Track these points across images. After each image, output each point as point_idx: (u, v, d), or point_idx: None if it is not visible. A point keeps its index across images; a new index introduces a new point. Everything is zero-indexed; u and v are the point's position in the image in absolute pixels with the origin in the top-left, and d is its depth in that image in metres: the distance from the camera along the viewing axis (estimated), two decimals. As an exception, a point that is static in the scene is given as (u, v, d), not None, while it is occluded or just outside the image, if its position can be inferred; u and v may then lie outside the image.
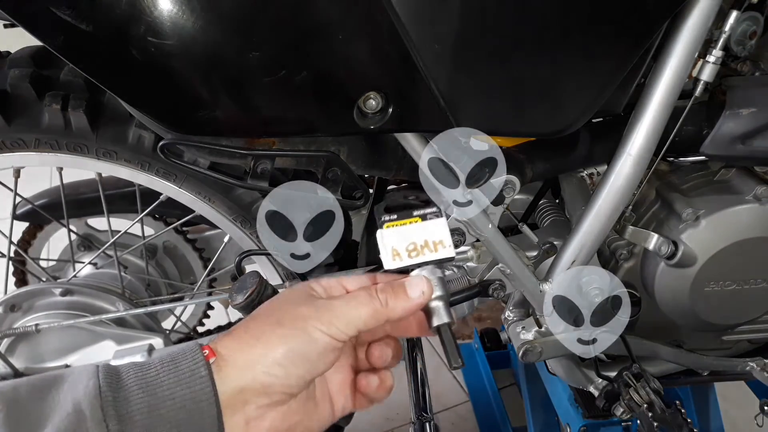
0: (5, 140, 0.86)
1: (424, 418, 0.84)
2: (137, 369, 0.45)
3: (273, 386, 0.47)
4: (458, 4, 0.61)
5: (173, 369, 0.45)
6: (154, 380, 0.44)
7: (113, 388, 0.43)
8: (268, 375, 0.47)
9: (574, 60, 0.67)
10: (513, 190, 0.83)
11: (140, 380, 0.44)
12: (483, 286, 0.92)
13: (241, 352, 0.48)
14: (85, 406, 0.41)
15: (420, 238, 0.53)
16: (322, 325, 0.49)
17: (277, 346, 0.48)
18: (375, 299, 0.51)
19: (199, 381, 0.45)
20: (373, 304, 0.51)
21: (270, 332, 0.49)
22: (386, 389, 0.55)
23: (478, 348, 1.75)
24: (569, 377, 1.04)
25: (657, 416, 0.87)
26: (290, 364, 0.48)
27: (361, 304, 0.51)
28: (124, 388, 0.43)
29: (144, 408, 0.43)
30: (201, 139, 0.71)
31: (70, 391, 0.43)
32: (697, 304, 0.92)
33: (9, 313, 1.06)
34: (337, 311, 0.50)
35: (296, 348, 0.48)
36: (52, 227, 1.27)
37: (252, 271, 0.80)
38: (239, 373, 0.47)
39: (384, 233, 0.54)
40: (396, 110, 0.66)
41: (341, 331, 0.49)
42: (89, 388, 0.43)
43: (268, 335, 0.48)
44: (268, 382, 0.47)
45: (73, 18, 0.55)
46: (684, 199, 0.88)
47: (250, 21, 0.58)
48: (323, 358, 0.49)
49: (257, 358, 0.47)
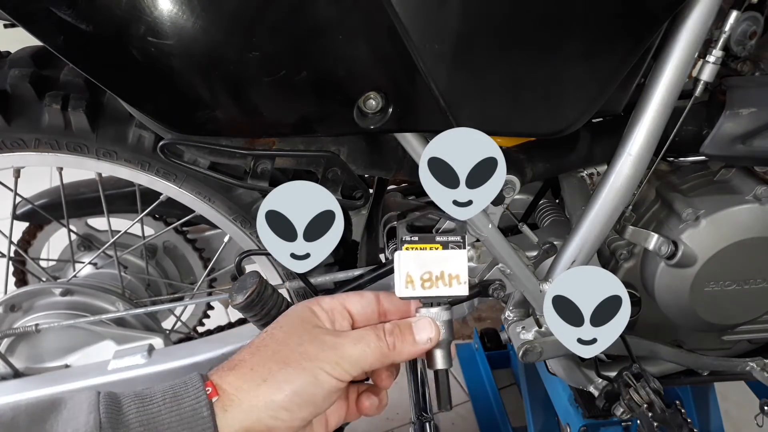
0: (5, 140, 0.86)
1: (424, 418, 0.84)
2: (139, 403, 0.45)
3: (278, 429, 0.47)
4: (458, 4, 0.61)
5: (175, 407, 0.45)
6: (156, 417, 0.44)
7: (113, 423, 0.42)
8: (274, 419, 0.47)
9: (574, 60, 0.67)
10: (513, 190, 0.83)
11: (141, 416, 0.44)
12: (483, 286, 0.92)
13: (246, 393, 0.47)
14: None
15: (437, 268, 0.53)
16: (329, 367, 0.49)
17: (283, 390, 0.47)
18: (382, 341, 0.51)
19: (201, 422, 0.44)
20: (380, 346, 0.51)
21: (276, 372, 0.48)
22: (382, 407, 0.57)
23: (478, 348, 1.75)
24: (569, 377, 1.04)
25: (657, 416, 0.87)
26: (296, 408, 0.48)
27: (368, 346, 0.51)
28: (125, 423, 0.43)
29: None
30: (201, 139, 0.71)
31: (69, 420, 0.42)
32: (697, 304, 0.92)
33: (9, 313, 1.06)
34: (344, 352, 0.50)
35: (302, 391, 0.48)
36: (52, 227, 1.27)
37: (252, 271, 0.80)
38: (244, 416, 0.46)
39: (402, 255, 0.53)
40: (396, 110, 0.66)
41: (347, 372, 0.50)
42: (90, 424, 0.42)
43: (275, 376, 0.48)
44: (272, 425, 0.47)
45: (73, 18, 0.55)
46: (684, 199, 0.88)
47: (250, 21, 0.58)
48: (328, 399, 0.50)
49: (263, 402, 0.47)
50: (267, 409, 0.47)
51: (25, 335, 1.02)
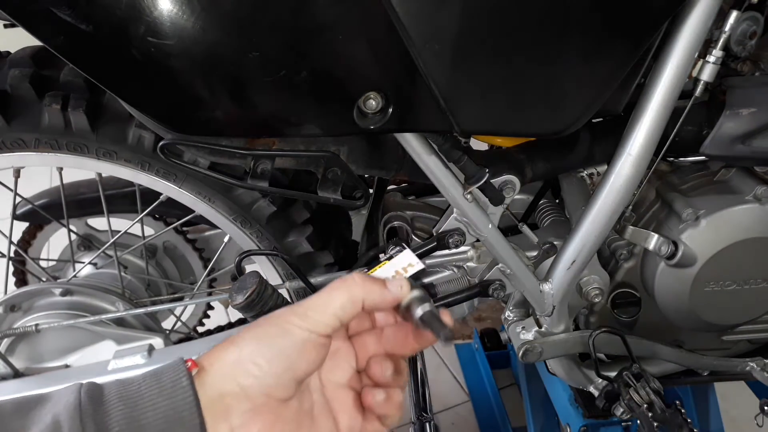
0: (5, 140, 0.86)
1: (424, 418, 0.84)
2: (120, 384, 0.45)
3: (252, 387, 0.46)
4: (458, 4, 0.61)
5: (155, 382, 0.44)
6: (135, 393, 0.44)
7: (94, 402, 0.42)
8: (246, 375, 0.46)
9: (574, 60, 0.67)
10: (513, 190, 0.83)
11: (121, 393, 0.44)
12: (483, 286, 0.92)
13: (219, 359, 0.47)
14: (64, 418, 0.41)
15: (391, 272, 0.58)
16: (297, 318, 0.47)
17: (249, 344, 0.47)
18: (350, 282, 0.49)
19: (181, 391, 0.44)
20: (347, 287, 0.49)
21: (245, 334, 0.48)
22: (396, 405, 0.53)
23: (478, 348, 1.75)
24: (569, 377, 1.04)
25: (657, 416, 0.87)
26: (266, 362, 0.46)
27: (335, 290, 0.49)
28: (105, 402, 0.43)
29: (123, 419, 0.42)
30: (201, 139, 0.71)
31: (51, 408, 0.42)
32: (697, 304, 0.92)
33: (9, 313, 1.06)
34: (312, 302, 0.49)
35: (270, 343, 0.47)
36: (52, 227, 1.27)
37: (252, 271, 0.80)
38: (218, 379, 0.46)
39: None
40: (396, 110, 0.66)
41: (317, 320, 0.48)
42: (69, 403, 0.42)
43: (243, 337, 0.47)
44: (246, 384, 0.46)
45: (73, 18, 0.55)
46: (684, 199, 0.88)
47: (250, 21, 0.58)
48: (303, 354, 0.47)
49: (233, 361, 0.46)
50: (236, 365, 0.46)
51: (25, 335, 1.02)
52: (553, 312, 0.91)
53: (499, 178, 0.82)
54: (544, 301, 0.90)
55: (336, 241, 1.05)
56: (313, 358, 0.48)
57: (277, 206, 0.95)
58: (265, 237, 0.97)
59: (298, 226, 0.99)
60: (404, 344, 0.54)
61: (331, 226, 1.06)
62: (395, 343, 0.54)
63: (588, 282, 0.93)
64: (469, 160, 0.77)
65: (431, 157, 0.76)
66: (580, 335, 0.96)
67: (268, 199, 0.94)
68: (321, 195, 0.79)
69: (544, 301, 0.90)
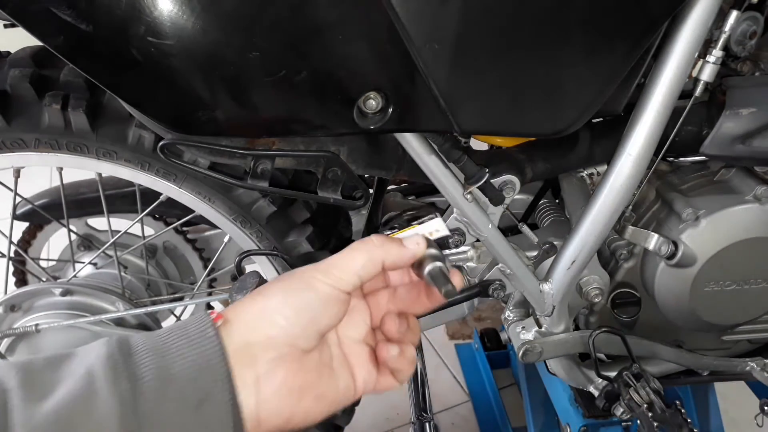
0: (5, 140, 0.86)
1: (424, 418, 0.84)
2: (146, 336, 0.47)
3: (278, 337, 0.48)
4: (458, 4, 0.61)
5: (183, 334, 0.46)
6: (163, 344, 0.45)
7: (124, 353, 0.44)
8: (272, 325, 0.48)
9: (574, 60, 0.67)
10: (513, 190, 0.83)
11: (150, 345, 0.45)
12: (483, 286, 0.92)
13: (245, 310, 0.49)
14: (97, 368, 0.42)
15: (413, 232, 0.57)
16: (321, 274, 0.50)
17: (276, 296, 0.49)
18: (370, 243, 0.52)
19: (208, 341, 0.46)
20: (368, 248, 0.52)
21: (271, 286, 0.50)
22: (409, 360, 0.55)
23: (478, 348, 1.75)
24: (569, 377, 1.04)
25: (657, 416, 0.87)
26: (292, 313, 0.48)
27: (356, 251, 0.52)
28: (135, 353, 0.44)
29: (153, 368, 0.43)
30: (201, 139, 0.71)
31: (83, 359, 0.44)
32: (697, 304, 0.92)
33: (9, 313, 1.06)
34: (334, 261, 0.51)
35: (296, 296, 0.49)
36: (52, 227, 1.27)
37: (252, 271, 0.80)
38: (244, 329, 0.48)
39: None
40: (396, 110, 0.66)
41: (340, 278, 0.50)
42: (101, 354, 0.44)
43: (270, 289, 0.50)
44: (272, 333, 0.48)
45: (73, 18, 0.55)
46: (684, 199, 0.88)
47: (250, 21, 0.58)
48: (327, 308, 0.50)
49: (260, 311, 0.49)
50: (262, 315, 0.48)
51: (25, 335, 1.02)
52: (553, 312, 0.91)
53: (499, 178, 0.82)
54: (544, 301, 0.90)
55: (336, 241, 1.05)
56: (335, 312, 0.50)
57: (277, 206, 0.95)
58: (265, 237, 0.97)
59: (298, 226, 0.99)
60: (416, 303, 0.57)
61: (331, 226, 1.06)
62: (408, 302, 0.57)
63: (588, 282, 0.93)
64: (469, 160, 0.77)
65: (431, 157, 0.76)
66: (580, 335, 0.96)
67: (268, 199, 0.94)
68: (321, 195, 0.79)
69: (544, 301, 0.90)
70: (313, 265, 0.52)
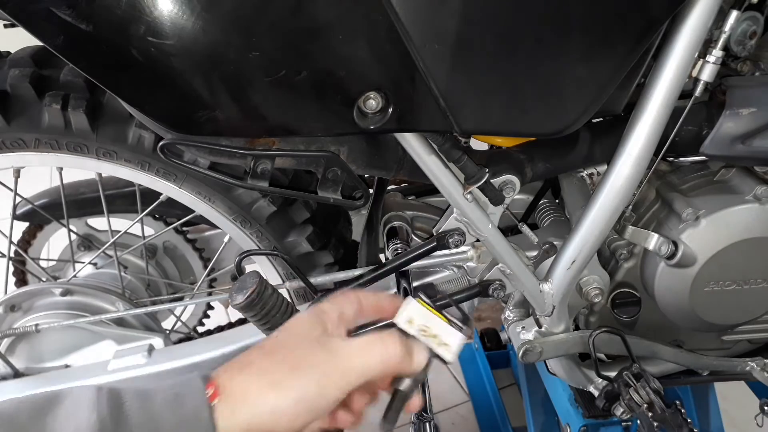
0: (5, 140, 0.86)
1: (424, 418, 0.84)
2: (141, 404, 0.46)
3: (276, 430, 0.49)
4: (458, 4, 0.61)
5: (177, 410, 0.46)
6: (157, 418, 0.45)
7: (116, 422, 0.43)
8: (276, 423, 0.48)
9: (574, 60, 0.67)
10: (513, 190, 0.83)
11: (144, 417, 0.45)
12: (483, 286, 0.92)
13: (254, 396, 0.48)
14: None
15: (435, 330, 0.57)
16: (337, 377, 0.51)
17: (289, 396, 0.49)
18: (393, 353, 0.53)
19: (201, 424, 0.45)
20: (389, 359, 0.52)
21: (284, 379, 0.50)
22: (358, 425, 0.58)
23: (478, 348, 1.75)
24: (569, 377, 1.04)
25: (657, 416, 0.87)
26: (297, 415, 0.49)
27: (373, 359, 0.52)
28: (127, 422, 0.44)
29: None
30: (201, 139, 0.71)
31: (70, 418, 0.43)
32: (697, 304, 0.92)
33: (9, 313, 1.06)
34: (351, 362, 0.52)
35: (307, 400, 0.49)
36: (52, 227, 1.27)
37: (252, 271, 0.80)
38: (249, 417, 0.47)
39: (412, 303, 0.58)
40: (396, 110, 0.66)
41: (352, 384, 0.51)
42: (91, 422, 0.43)
43: (283, 382, 0.49)
44: (272, 428, 0.48)
45: (73, 18, 0.55)
46: (684, 199, 0.88)
47: (250, 21, 0.58)
48: (329, 408, 0.51)
49: (269, 407, 0.48)
50: (272, 413, 0.48)
51: (25, 335, 1.02)
52: (553, 312, 0.91)
53: (499, 178, 0.82)
54: (544, 301, 0.90)
55: (336, 241, 1.05)
56: (333, 407, 0.52)
57: (277, 206, 0.95)
58: (265, 237, 0.97)
59: (298, 226, 0.99)
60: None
61: (331, 226, 1.06)
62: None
63: (588, 282, 0.93)
64: (469, 160, 0.77)
65: (431, 157, 0.76)
66: (580, 335, 0.96)
67: (268, 199, 0.94)
68: (321, 195, 0.79)
69: (544, 301, 0.90)
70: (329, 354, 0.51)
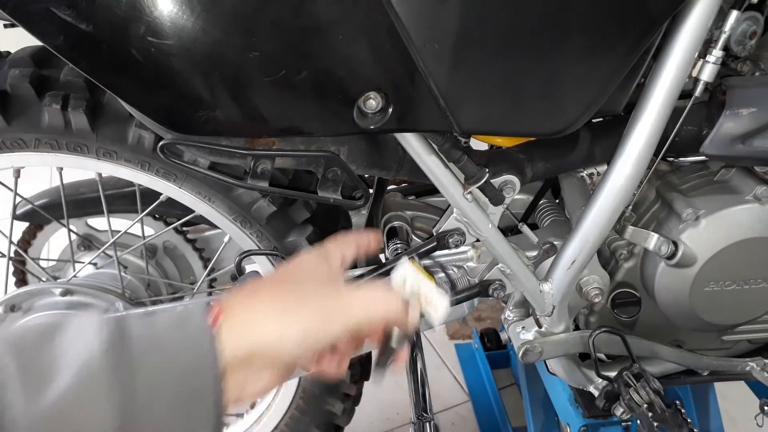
0: (5, 140, 0.86)
1: (424, 418, 0.84)
2: (145, 325, 0.46)
3: (281, 358, 0.50)
4: (458, 4, 0.61)
5: (181, 333, 0.46)
6: (161, 339, 0.46)
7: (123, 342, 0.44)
8: (279, 350, 0.49)
9: (574, 60, 0.67)
10: (513, 190, 0.83)
11: (148, 339, 0.45)
12: (483, 286, 0.92)
13: (263, 322, 0.50)
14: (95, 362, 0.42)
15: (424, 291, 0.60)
16: (341, 315, 0.52)
17: (296, 328, 0.50)
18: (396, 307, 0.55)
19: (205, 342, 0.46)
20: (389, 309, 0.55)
21: (294, 310, 0.51)
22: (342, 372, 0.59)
23: (478, 348, 1.75)
24: (569, 377, 1.04)
25: (657, 416, 0.87)
26: (300, 345, 0.50)
27: (381, 305, 0.55)
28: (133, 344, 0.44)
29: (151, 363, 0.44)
30: (201, 139, 0.71)
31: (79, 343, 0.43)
32: (697, 304, 0.92)
33: (9, 313, 1.06)
34: (356, 307, 0.54)
35: (313, 330, 0.51)
36: (52, 227, 1.26)
37: (252, 271, 0.81)
38: (255, 342, 0.48)
39: (406, 264, 0.61)
40: (396, 110, 0.66)
41: (354, 325, 0.53)
42: (101, 343, 0.43)
43: (292, 314, 0.51)
44: (275, 354, 0.49)
45: (73, 18, 0.55)
46: (684, 199, 0.88)
47: (250, 21, 0.58)
48: (331, 340, 0.52)
49: (276, 335, 0.49)
50: (278, 341, 0.49)
51: (25, 335, 1.02)
52: (553, 312, 0.91)
53: (499, 178, 0.82)
54: (544, 301, 0.90)
55: (336, 241, 1.05)
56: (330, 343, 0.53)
57: (277, 206, 0.95)
58: (265, 237, 0.97)
59: (298, 226, 0.99)
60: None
61: (331, 226, 1.06)
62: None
63: (588, 282, 0.93)
64: (469, 160, 0.77)
65: (431, 157, 0.76)
66: (580, 335, 0.96)
67: (268, 199, 0.94)
68: (321, 195, 0.79)
69: (544, 301, 0.90)
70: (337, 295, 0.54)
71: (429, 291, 0.60)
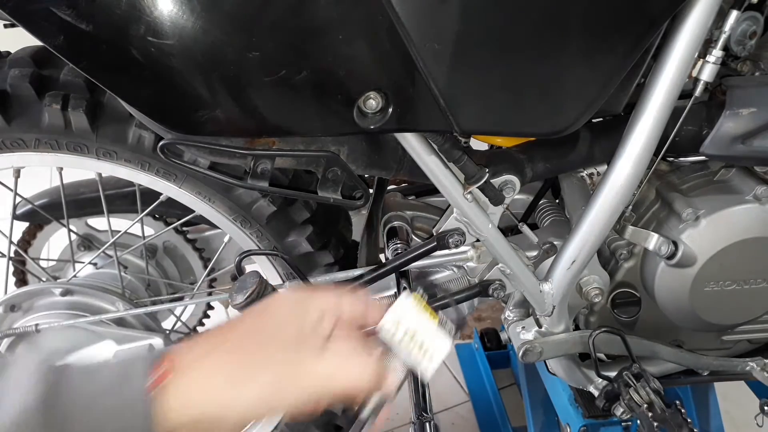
0: (5, 140, 0.86)
1: (424, 418, 0.84)
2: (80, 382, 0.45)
3: (229, 424, 0.48)
4: (458, 4, 0.61)
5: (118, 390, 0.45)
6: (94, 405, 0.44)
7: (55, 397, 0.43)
8: (229, 418, 0.47)
9: (574, 60, 0.67)
10: (513, 190, 0.83)
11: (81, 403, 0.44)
12: (483, 286, 0.92)
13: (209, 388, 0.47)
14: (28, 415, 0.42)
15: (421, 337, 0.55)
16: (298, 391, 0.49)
17: (248, 396, 0.48)
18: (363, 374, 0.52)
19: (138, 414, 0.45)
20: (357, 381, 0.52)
21: (247, 378, 0.48)
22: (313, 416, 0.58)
23: (478, 348, 1.75)
24: (569, 377, 1.04)
25: (657, 416, 0.87)
26: (252, 414, 0.48)
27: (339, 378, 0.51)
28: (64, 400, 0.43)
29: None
30: (201, 139, 0.71)
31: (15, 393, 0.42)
32: (697, 304, 0.92)
33: (9, 313, 1.06)
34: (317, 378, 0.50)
35: (265, 403, 0.48)
36: (52, 227, 1.27)
37: (252, 271, 0.80)
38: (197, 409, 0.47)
39: (406, 301, 0.56)
40: (396, 110, 0.66)
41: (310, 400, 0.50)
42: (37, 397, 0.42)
43: (245, 382, 0.48)
44: (226, 422, 0.48)
45: (73, 18, 0.55)
46: (684, 199, 0.88)
47: (250, 21, 0.58)
48: (283, 413, 0.51)
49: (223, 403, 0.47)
50: (227, 408, 0.47)
51: (25, 335, 1.02)
52: (553, 312, 0.91)
53: (499, 178, 0.82)
54: (544, 301, 0.90)
55: (336, 241, 1.05)
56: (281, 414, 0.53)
57: (277, 206, 0.95)
58: (265, 237, 0.97)
59: (298, 226, 0.99)
60: None
61: (331, 226, 1.06)
62: None
63: (588, 282, 0.93)
64: (469, 160, 0.77)
65: (431, 157, 0.76)
66: (580, 335, 0.96)
67: (268, 199, 0.94)
68: (321, 195, 0.79)
69: (544, 301, 0.90)
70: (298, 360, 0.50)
71: (427, 335, 0.55)
